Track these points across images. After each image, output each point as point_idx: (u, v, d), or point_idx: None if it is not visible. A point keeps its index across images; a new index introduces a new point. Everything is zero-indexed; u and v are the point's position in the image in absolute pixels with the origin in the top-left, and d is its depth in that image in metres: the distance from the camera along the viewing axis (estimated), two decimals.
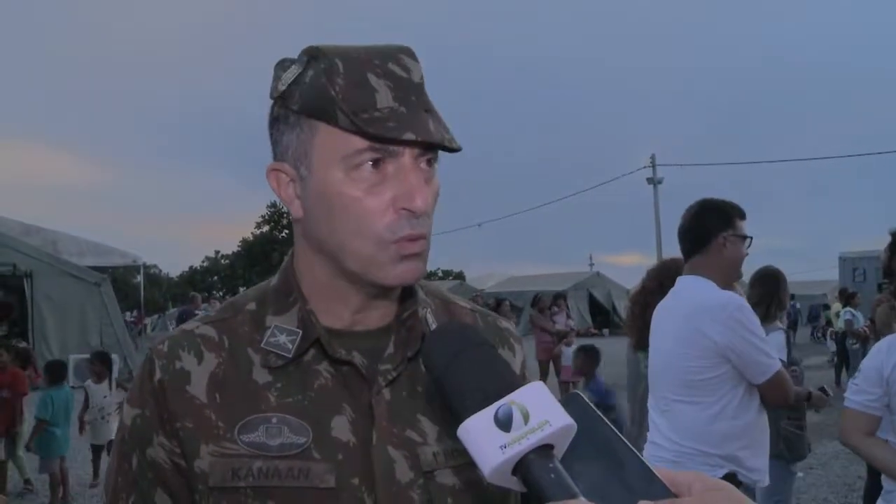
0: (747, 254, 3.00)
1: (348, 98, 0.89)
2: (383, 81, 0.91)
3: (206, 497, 0.92)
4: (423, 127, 0.90)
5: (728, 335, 2.75)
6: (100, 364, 7.51)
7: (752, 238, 2.99)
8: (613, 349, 9.14)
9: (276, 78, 0.97)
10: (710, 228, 2.97)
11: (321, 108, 0.91)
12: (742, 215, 3.00)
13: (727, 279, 2.97)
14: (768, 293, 4.33)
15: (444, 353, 0.74)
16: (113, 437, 6.31)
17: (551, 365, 12.29)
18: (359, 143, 0.90)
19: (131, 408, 0.99)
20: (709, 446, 2.77)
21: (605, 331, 28.98)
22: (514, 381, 0.70)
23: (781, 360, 4.06)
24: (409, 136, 0.89)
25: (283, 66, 0.97)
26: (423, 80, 0.95)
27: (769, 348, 2.81)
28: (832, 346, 18.41)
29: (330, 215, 0.94)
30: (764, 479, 2.87)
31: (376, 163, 0.91)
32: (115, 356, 14.34)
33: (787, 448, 4.16)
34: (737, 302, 2.83)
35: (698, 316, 2.83)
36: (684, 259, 3.10)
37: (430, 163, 0.95)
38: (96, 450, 7.31)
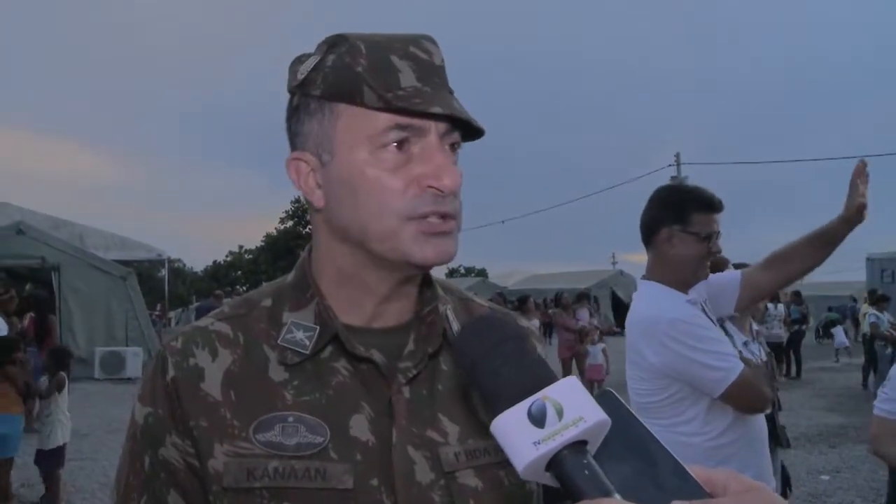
0: (716, 251, 2.52)
1: (373, 77, 0.89)
2: (406, 63, 0.90)
3: (221, 498, 0.90)
4: (449, 103, 0.90)
5: (664, 355, 2.42)
6: (48, 359, 6.70)
7: (712, 235, 2.49)
8: None
9: (293, 71, 0.96)
10: (654, 221, 2.57)
11: (346, 88, 0.90)
12: (706, 208, 2.51)
13: (682, 281, 2.55)
14: None
15: (478, 346, 0.73)
16: (50, 444, 6.21)
17: (574, 363, 12.24)
18: (384, 121, 0.89)
19: (143, 406, 0.97)
20: None
21: None
22: (547, 377, 0.68)
23: None
24: (437, 109, 0.88)
25: (299, 60, 0.97)
26: (444, 64, 0.94)
27: (717, 357, 2.40)
28: (839, 343, 18.37)
29: (354, 197, 0.92)
30: None
31: (402, 143, 0.90)
32: (139, 349, 14.66)
33: None
34: (669, 316, 2.44)
35: (633, 334, 2.56)
36: None
37: (453, 148, 0.94)
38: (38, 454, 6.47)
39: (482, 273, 48.21)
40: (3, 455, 6.12)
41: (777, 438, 4.06)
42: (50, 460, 6.38)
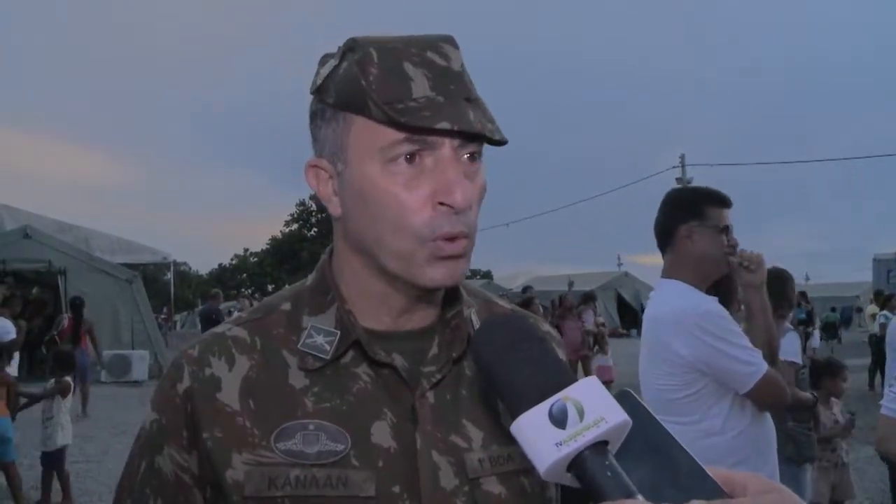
0: (734, 244, 2.58)
1: (381, 88, 0.86)
2: (420, 70, 0.87)
3: None
4: (461, 116, 0.86)
5: (696, 347, 2.43)
6: (53, 363, 6.84)
7: (728, 227, 2.57)
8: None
9: (316, 73, 0.95)
10: (671, 220, 2.63)
11: (354, 99, 0.88)
12: (719, 203, 2.60)
13: (704, 278, 2.60)
14: (776, 294, 4.08)
15: (495, 347, 0.72)
16: (51, 447, 6.32)
17: (580, 366, 12.23)
18: (394, 134, 0.87)
19: (151, 411, 0.97)
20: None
21: (633, 331, 28.80)
22: (566, 377, 0.68)
23: (795, 363, 3.99)
24: (444, 124, 0.84)
25: (323, 61, 0.95)
26: (465, 68, 0.91)
27: (747, 352, 2.44)
28: (816, 342, 18.42)
29: (367, 211, 0.90)
30: None
31: (412, 156, 0.87)
32: (145, 353, 14.70)
33: (796, 450, 4.14)
34: (700, 308, 2.49)
35: (660, 328, 2.57)
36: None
37: (472, 157, 0.90)
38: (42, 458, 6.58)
39: (487, 275, 48.12)
40: (11, 457, 6.21)
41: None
42: (52, 462, 6.48)
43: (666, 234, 2.65)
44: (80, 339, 11.76)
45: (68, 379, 6.72)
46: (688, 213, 2.59)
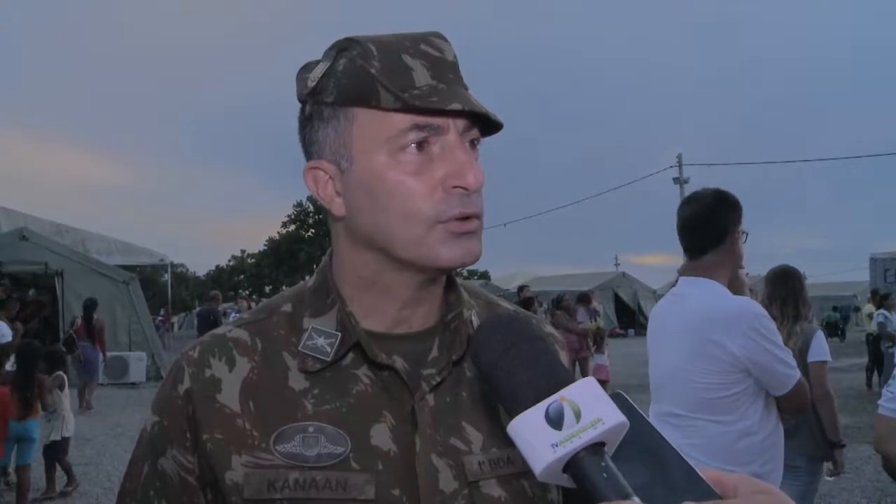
0: None
1: (388, 78, 0.88)
2: (418, 61, 0.89)
3: None
4: (467, 99, 0.88)
5: (748, 347, 2.49)
6: (45, 361, 7.03)
7: (747, 234, 2.75)
8: (639, 350, 9.05)
9: (303, 79, 0.95)
10: (727, 223, 2.67)
11: (360, 91, 0.89)
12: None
13: (733, 278, 2.72)
14: (793, 291, 4.12)
15: (493, 347, 0.72)
16: (51, 439, 6.54)
17: (577, 367, 12.23)
18: (402, 122, 0.88)
19: (152, 414, 0.97)
20: (734, 465, 2.43)
21: (631, 331, 28.83)
22: (564, 378, 0.68)
23: (827, 362, 3.96)
24: (455, 105, 0.86)
25: (307, 68, 0.95)
26: (457, 59, 0.93)
27: (787, 354, 2.56)
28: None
29: (375, 203, 0.90)
30: None
31: (421, 144, 0.88)
32: (142, 354, 14.69)
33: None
34: (754, 310, 2.57)
35: (712, 327, 2.57)
36: (690, 256, 2.76)
37: (473, 144, 0.92)
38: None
39: (485, 276, 48.10)
40: (30, 459, 6.35)
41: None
42: (56, 452, 6.74)
43: (717, 237, 2.68)
44: (95, 338, 12.50)
45: (61, 373, 7.04)
46: (738, 217, 2.69)
